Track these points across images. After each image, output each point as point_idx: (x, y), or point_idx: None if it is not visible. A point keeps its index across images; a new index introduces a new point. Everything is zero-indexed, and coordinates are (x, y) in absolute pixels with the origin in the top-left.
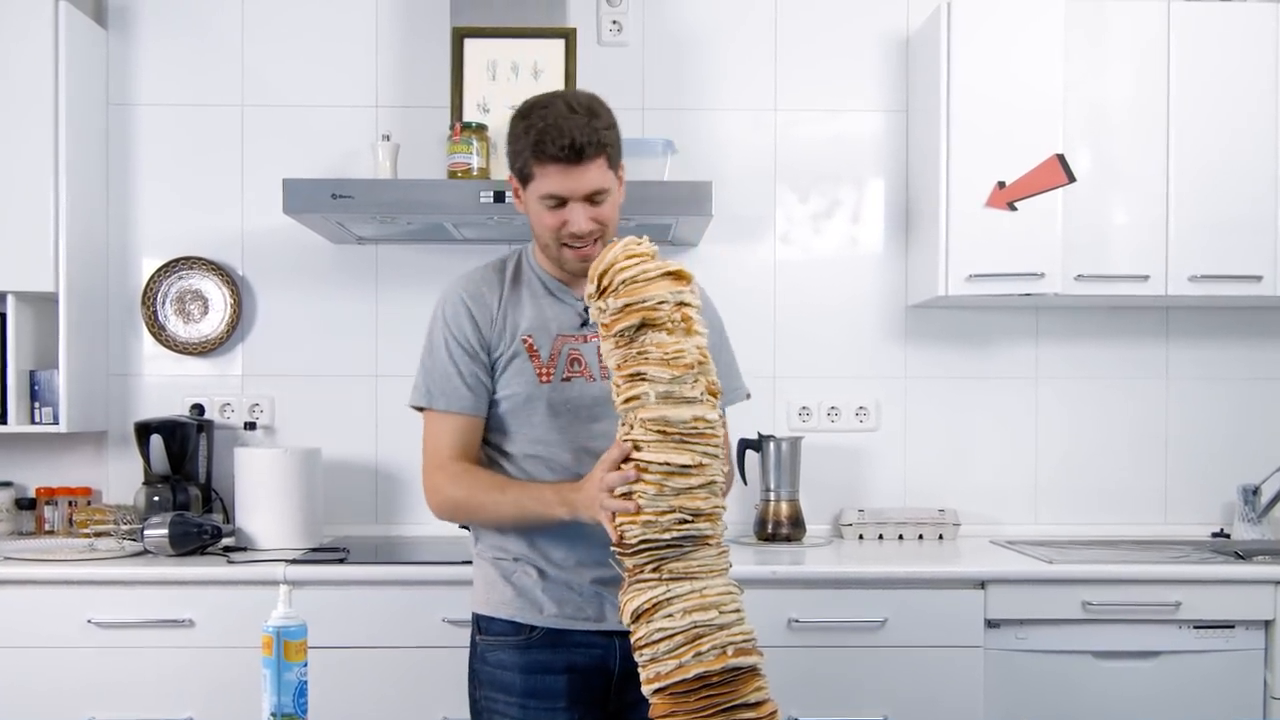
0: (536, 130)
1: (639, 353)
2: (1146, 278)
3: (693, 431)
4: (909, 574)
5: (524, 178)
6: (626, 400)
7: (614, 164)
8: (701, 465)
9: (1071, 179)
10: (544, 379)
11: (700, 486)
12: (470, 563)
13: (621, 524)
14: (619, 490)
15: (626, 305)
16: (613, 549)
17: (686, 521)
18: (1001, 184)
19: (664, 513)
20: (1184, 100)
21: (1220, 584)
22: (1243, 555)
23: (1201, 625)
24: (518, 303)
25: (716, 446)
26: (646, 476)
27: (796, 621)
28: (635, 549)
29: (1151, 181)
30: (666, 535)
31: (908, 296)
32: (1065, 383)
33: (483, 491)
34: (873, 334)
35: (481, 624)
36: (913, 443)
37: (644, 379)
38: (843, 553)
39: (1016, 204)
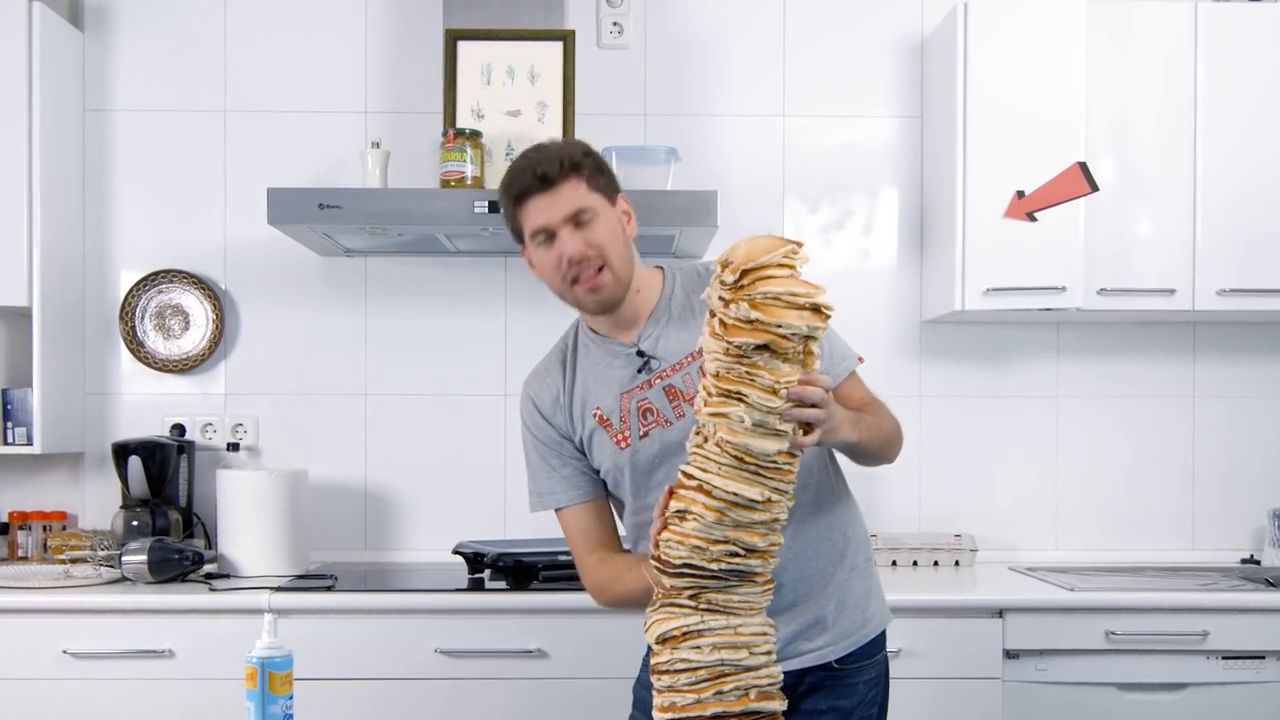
0: (505, 181)
1: (748, 371)
2: (1173, 291)
3: (770, 465)
4: (923, 602)
5: (517, 235)
6: (715, 414)
7: (598, 187)
8: (770, 501)
9: (1094, 188)
10: (622, 444)
11: (762, 523)
12: (462, 590)
13: (669, 540)
14: (670, 510)
15: (757, 322)
16: (651, 559)
17: (738, 556)
18: (1021, 193)
19: (717, 542)
20: (1212, 105)
21: (1250, 613)
22: (1273, 583)
23: (1230, 656)
24: (579, 380)
25: (789, 483)
26: (708, 500)
27: None
28: (677, 570)
29: (1178, 190)
30: (714, 566)
31: (922, 311)
32: (1087, 402)
33: (617, 576)
34: (886, 351)
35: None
36: (928, 465)
37: (742, 399)
38: None
39: (1036, 214)
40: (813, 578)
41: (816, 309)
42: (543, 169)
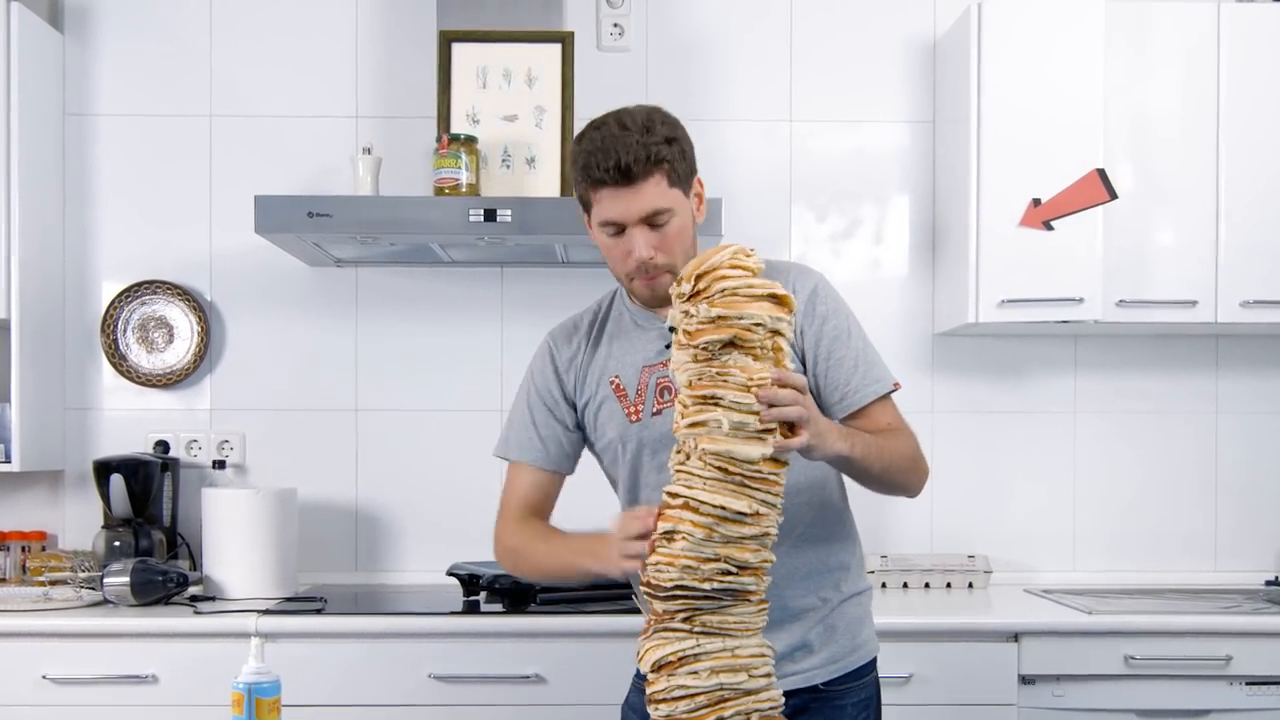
0: (585, 154)
1: (719, 373)
2: (1194, 303)
3: (756, 475)
4: (936, 625)
5: (585, 206)
6: (692, 424)
7: (678, 180)
8: (758, 515)
9: (1113, 196)
10: (633, 417)
11: (752, 538)
12: (457, 613)
13: (658, 563)
14: (657, 532)
15: (720, 318)
16: (641, 588)
17: (730, 574)
18: (1036, 201)
19: (707, 560)
20: (1235, 110)
21: (1275, 637)
22: None
23: (1254, 681)
24: (603, 344)
25: (777, 495)
26: (695, 517)
27: None
28: (669, 594)
29: (1200, 198)
30: (706, 585)
31: (935, 324)
32: (1105, 418)
33: (529, 541)
34: (897, 364)
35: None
36: (940, 483)
37: (718, 403)
38: None
39: (1053, 223)
40: (803, 601)
41: (778, 299)
42: (626, 160)
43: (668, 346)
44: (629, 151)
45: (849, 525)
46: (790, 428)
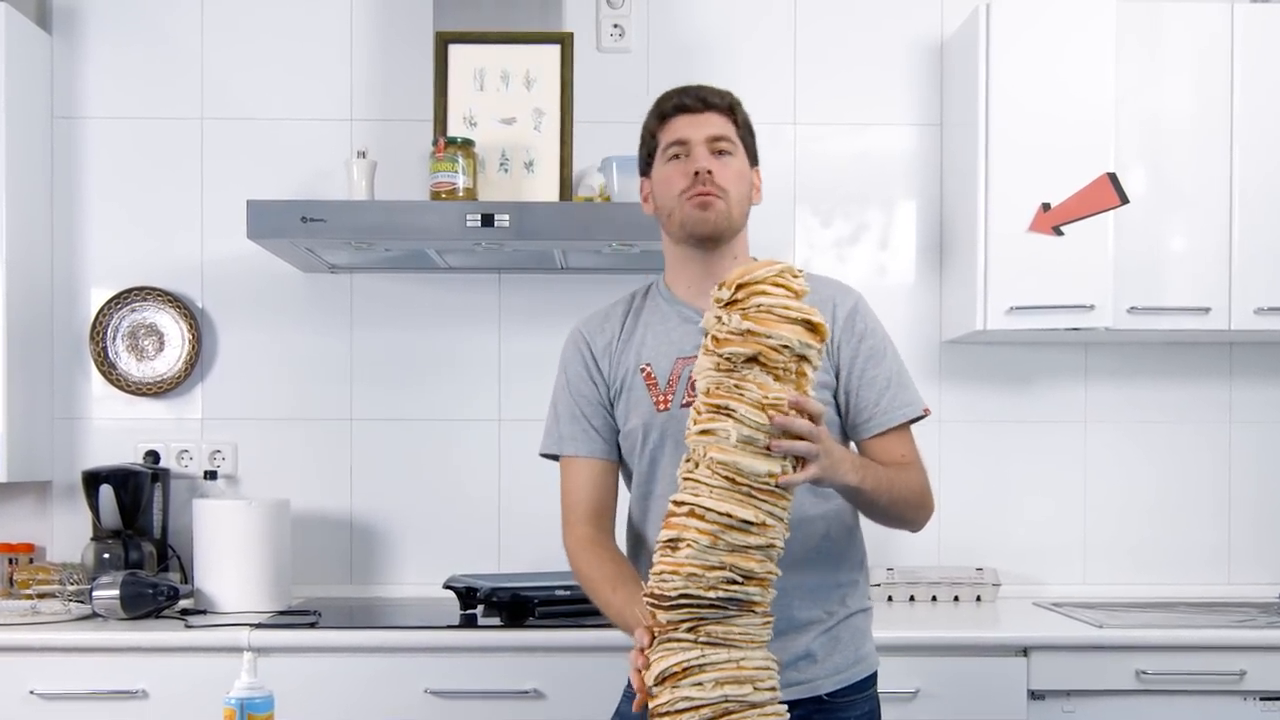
0: (663, 96)
1: (736, 385)
2: (1207, 310)
3: (763, 487)
4: (943, 639)
5: (650, 153)
6: (702, 432)
7: (744, 138)
8: (765, 525)
9: (1124, 200)
10: (661, 406)
11: (758, 548)
12: (454, 627)
13: (662, 572)
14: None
15: (749, 332)
16: (644, 597)
17: (735, 583)
18: (1046, 206)
19: (713, 568)
20: (1249, 112)
21: None
22: None
23: (1269, 697)
24: (639, 331)
25: (785, 509)
26: (701, 524)
27: None
28: (673, 603)
29: (1213, 202)
30: (711, 594)
31: (942, 331)
32: (1116, 427)
33: (598, 580)
34: None
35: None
36: (947, 494)
37: (730, 414)
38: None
39: (1063, 228)
40: (809, 613)
41: (811, 326)
42: (704, 94)
43: None
44: (711, 92)
45: (859, 545)
46: (800, 459)
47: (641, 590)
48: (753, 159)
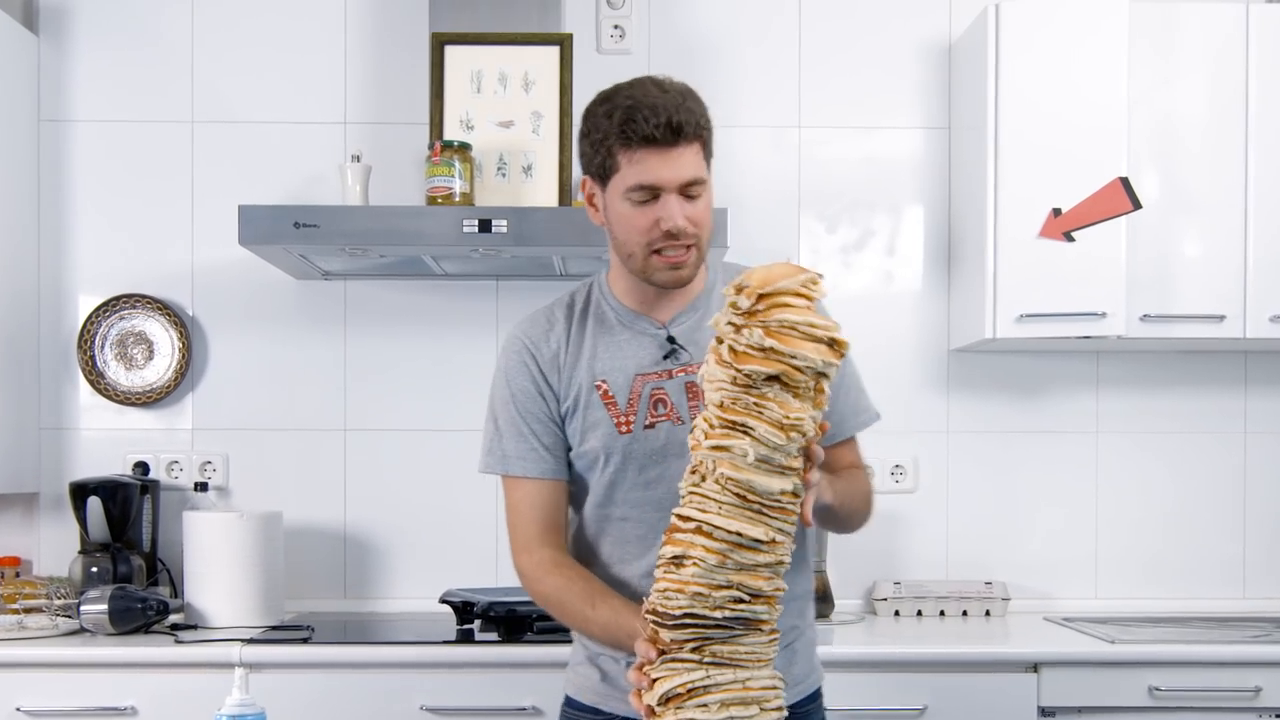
0: (623, 109)
1: (756, 402)
2: (1222, 318)
3: (774, 505)
4: (952, 655)
5: (605, 172)
6: (716, 447)
7: (708, 156)
8: (774, 542)
9: (1137, 205)
10: (624, 429)
11: (766, 565)
12: (450, 642)
13: (665, 590)
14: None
15: (773, 350)
16: (646, 614)
17: (743, 601)
18: (1057, 211)
19: (719, 587)
20: (1265, 115)
21: None
22: None
23: None
24: (587, 340)
25: (792, 524)
26: (709, 543)
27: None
28: (678, 622)
29: (1228, 208)
30: (717, 613)
31: (950, 340)
32: (1129, 437)
33: (572, 600)
34: (910, 382)
35: (570, 704)
36: (956, 506)
37: (748, 432)
38: (876, 631)
39: (1074, 234)
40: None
41: (834, 344)
42: (678, 119)
43: (665, 357)
44: (679, 111)
45: (807, 553)
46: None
47: (621, 601)
48: (711, 160)
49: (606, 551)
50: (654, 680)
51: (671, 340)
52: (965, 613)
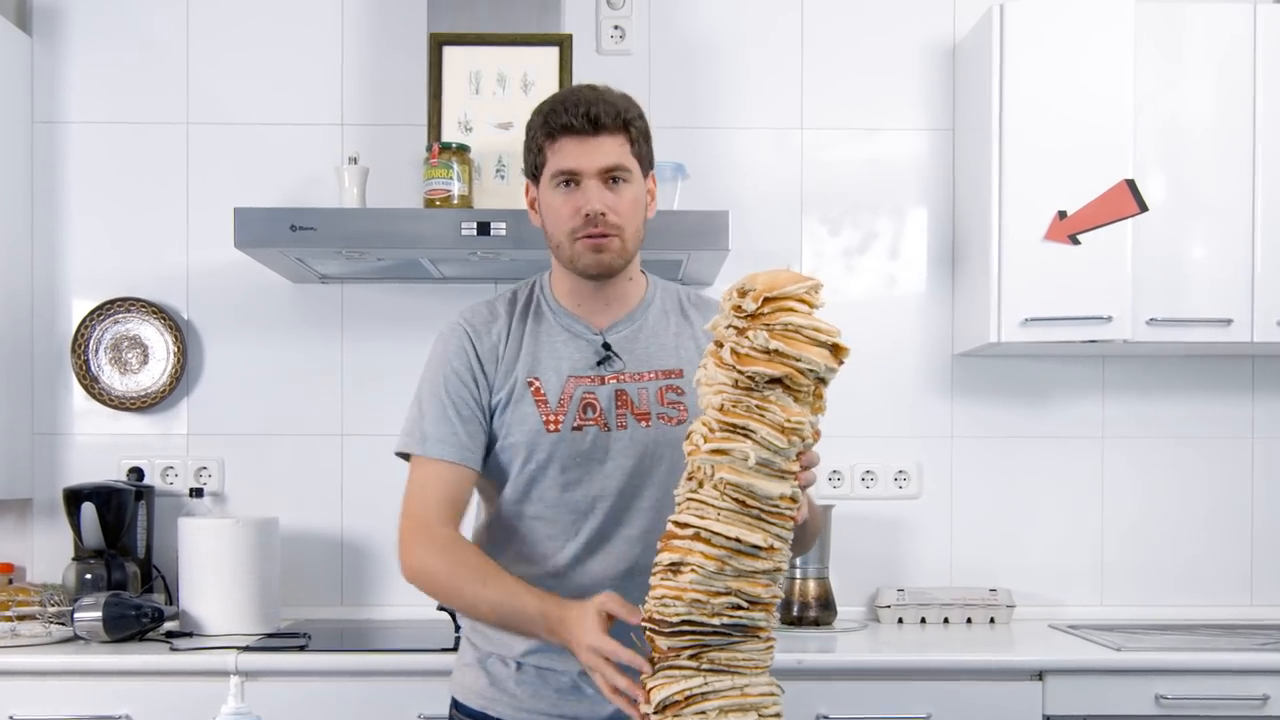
0: (548, 106)
1: (759, 405)
2: (1229, 322)
3: (773, 510)
4: (955, 663)
5: (537, 169)
6: (716, 451)
7: (638, 154)
8: (772, 549)
9: (1143, 208)
10: (551, 427)
11: (764, 572)
12: (448, 650)
13: (663, 597)
14: (663, 564)
15: (777, 353)
16: (643, 624)
17: (741, 608)
18: (1062, 214)
19: (718, 594)
20: (1272, 117)
21: None
22: None
23: None
24: (526, 337)
25: (789, 529)
26: (707, 549)
27: (826, 718)
28: (675, 629)
29: (1235, 210)
30: (715, 620)
31: (954, 344)
32: (1135, 443)
33: (464, 576)
34: (914, 387)
35: (458, 707)
36: (960, 512)
37: (749, 435)
38: (879, 638)
39: (1080, 237)
40: None
41: (836, 350)
42: (596, 111)
43: (600, 363)
44: (599, 105)
45: None
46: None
47: (516, 582)
48: (647, 167)
49: (515, 549)
50: (650, 689)
51: (607, 347)
52: (969, 620)
